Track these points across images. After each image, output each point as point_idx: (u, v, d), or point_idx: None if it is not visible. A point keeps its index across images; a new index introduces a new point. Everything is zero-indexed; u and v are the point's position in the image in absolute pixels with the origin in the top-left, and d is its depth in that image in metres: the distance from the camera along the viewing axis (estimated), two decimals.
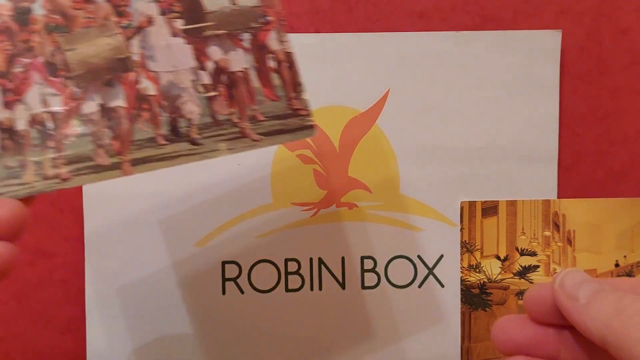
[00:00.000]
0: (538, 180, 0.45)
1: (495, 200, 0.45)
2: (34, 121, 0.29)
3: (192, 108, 0.31)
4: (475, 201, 0.45)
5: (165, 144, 0.30)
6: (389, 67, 0.45)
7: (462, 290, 0.45)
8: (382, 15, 0.45)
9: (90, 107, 0.30)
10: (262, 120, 0.31)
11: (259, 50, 0.32)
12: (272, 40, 0.32)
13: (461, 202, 0.45)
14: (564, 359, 0.27)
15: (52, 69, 0.30)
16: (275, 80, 0.32)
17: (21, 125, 0.29)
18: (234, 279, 0.44)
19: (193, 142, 0.30)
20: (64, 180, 0.29)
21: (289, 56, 0.32)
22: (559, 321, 0.26)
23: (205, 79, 0.31)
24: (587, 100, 0.44)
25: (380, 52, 0.44)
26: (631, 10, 0.44)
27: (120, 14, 0.31)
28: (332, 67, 0.44)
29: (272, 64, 0.32)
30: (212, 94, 0.31)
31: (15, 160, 0.29)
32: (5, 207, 0.26)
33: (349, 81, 0.44)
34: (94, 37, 0.30)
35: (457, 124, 0.45)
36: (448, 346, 0.44)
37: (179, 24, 0.31)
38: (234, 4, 0.32)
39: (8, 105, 0.29)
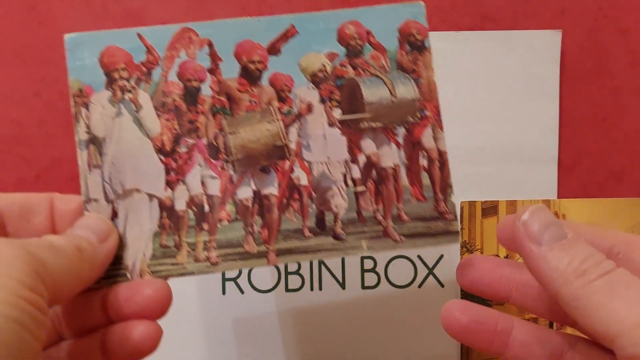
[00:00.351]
0: (538, 180, 0.45)
1: (495, 200, 0.45)
2: (192, 202, 0.30)
3: (339, 202, 0.31)
4: (475, 201, 0.45)
5: (310, 237, 0.31)
6: None
7: (462, 290, 0.44)
8: None
9: (245, 192, 0.30)
10: (406, 221, 0.31)
11: (412, 146, 0.32)
12: (426, 136, 0.32)
13: (461, 202, 0.45)
14: (514, 300, 0.29)
15: (214, 151, 0.30)
16: (424, 179, 0.32)
17: (180, 205, 0.30)
18: (234, 279, 0.45)
19: (337, 237, 0.31)
20: (213, 264, 0.29)
21: (442, 155, 0.32)
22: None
23: (356, 172, 0.31)
24: (587, 100, 0.44)
25: None
26: (631, 11, 0.44)
27: (282, 99, 0.31)
28: None
29: (423, 161, 0.32)
30: (361, 189, 0.31)
31: (171, 239, 0.30)
32: (154, 287, 0.27)
33: None
34: (256, 122, 0.30)
35: (457, 124, 0.44)
36: (448, 346, 0.45)
37: (337, 113, 0.31)
38: (394, 96, 0.31)
39: (170, 184, 0.30)
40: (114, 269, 0.28)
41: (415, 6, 0.31)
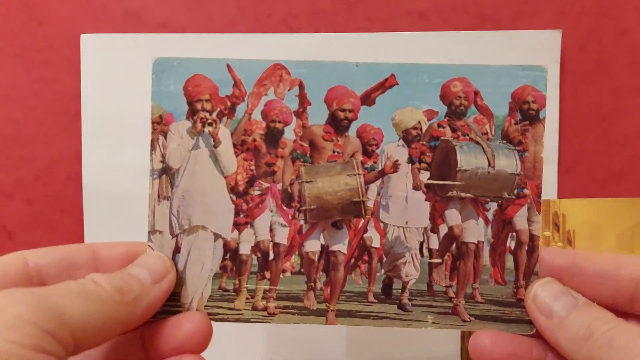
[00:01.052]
0: None
1: None
2: (258, 247, 0.29)
3: (411, 271, 0.29)
4: None
5: (373, 302, 0.29)
6: None
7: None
8: (382, 15, 0.44)
9: (313, 245, 0.29)
10: (480, 302, 0.29)
11: (502, 225, 0.29)
12: (520, 217, 0.29)
13: None
14: None
15: (287, 198, 0.28)
16: (508, 262, 0.29)
17: (245, 249, 0.29)
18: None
19: (402, 308, 0.29)
20: (270, 315, 0.28)
21: (533, 240, 0.28)
22: None
23: (434, 243, 0.29)
24: (587, 100, 0.44)
25: (380, 52, 0.43)
26: (631, 10, 0.44)
27: (368, 153, 0.28)
28: None
29: (510, 243, 0.29)
30: (436, 261, 0.29)
31: (231, 283, 0.29)
32: (194, 321, 0.27)
33: None
34: (335, 173, 0.28)
35: None
36: (448, 346, 0.44)
37: (424, 176, 0.28)
38: (492, 167, 0.28)
39: (238, 226, 0.29)
40: (170, 305, 0.28)
41: (537, 70, 0.27)
